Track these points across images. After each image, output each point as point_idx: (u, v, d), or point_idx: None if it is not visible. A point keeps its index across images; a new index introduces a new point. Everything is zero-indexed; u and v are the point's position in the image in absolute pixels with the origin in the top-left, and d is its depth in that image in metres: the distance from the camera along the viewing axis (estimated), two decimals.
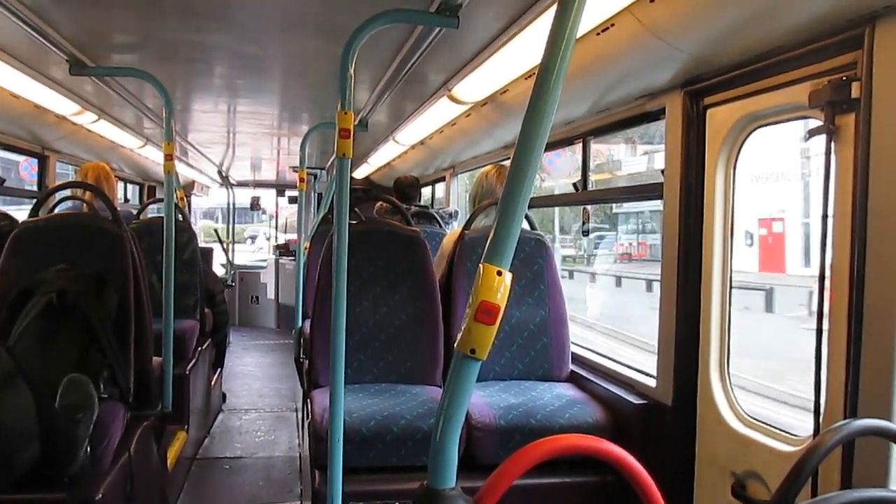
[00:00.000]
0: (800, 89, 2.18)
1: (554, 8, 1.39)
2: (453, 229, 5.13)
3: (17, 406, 2.39)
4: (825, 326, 2.09)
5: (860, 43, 1.93)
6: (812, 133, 2.12)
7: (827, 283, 2.10)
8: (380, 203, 5.22)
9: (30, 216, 3.57)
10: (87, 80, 4.06)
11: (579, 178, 3.97)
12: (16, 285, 3.10)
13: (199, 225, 17.20)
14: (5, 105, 4.23)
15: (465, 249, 3.63)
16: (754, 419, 2.56)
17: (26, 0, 2.74)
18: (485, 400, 3.19)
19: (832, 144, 2.06)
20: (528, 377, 3.59)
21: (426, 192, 8.15)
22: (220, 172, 11.08)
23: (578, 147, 3.98)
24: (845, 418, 1.98)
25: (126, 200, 9.22)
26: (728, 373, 2.70)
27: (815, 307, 2.11)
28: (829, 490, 1.99)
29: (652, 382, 3.05)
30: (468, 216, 3.87)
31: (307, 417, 3.56)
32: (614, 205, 17.03)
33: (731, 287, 2.71)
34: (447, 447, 1.37)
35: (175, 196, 4.15)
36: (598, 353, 3.76)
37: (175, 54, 3.72)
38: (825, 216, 2.10)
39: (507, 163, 4.30)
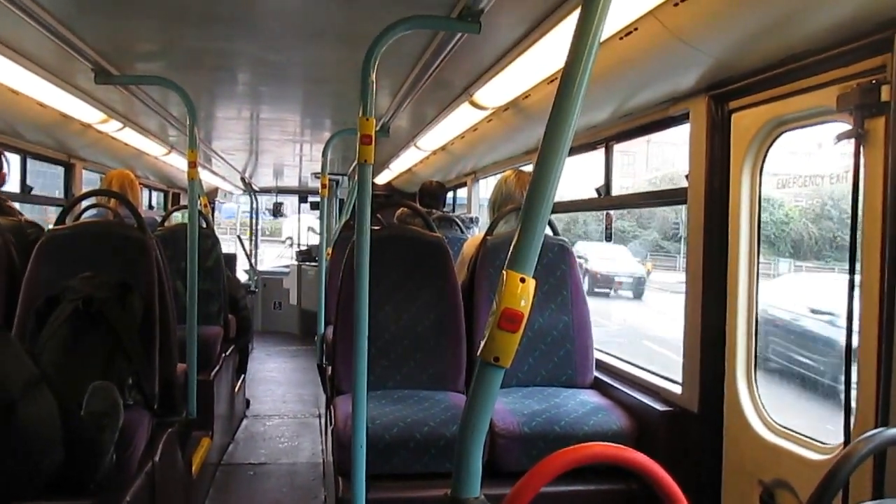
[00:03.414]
0: (827, 93, 2.15)
1: (576, 12, 1.38)
2: (473, 235, 5.12)
3: (41, 412, 2.41)
4: (855, 333, 2.06)
5: (889, 46, 1.89)
6: (841, 137, 2.09)
7: (856, 289, 2.06)
8: (401, 209, 5.22)
9: (56, 224, 3.61)
10: (113, 89, 4.11)
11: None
12: (43, 293, 3.13)
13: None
14: (32, 114, 4.29)
15: (487, 255, 3.62)
16: (782, 427, 2.52)
17: (52, 10, 2.77)
18: (508, 407, 3.18)
19: (861, 149, 2.03)
20: (551, 384, 3.57)
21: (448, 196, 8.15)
22: (243, 179, 11.16)
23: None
24: (876, 427, 1.94)
25: (151, 207, 9.31)
26: (755, 379, 2.66)
27: None
28: (861, 500, 1.96)
29: (677, 389, 3.01)
30: (488, 222, 3.86)
31: (330, 424, 3.56)
32: None
33: (757, 293, 2.68)
34: (471, 457, 1.36)
35: (199, 203, 4.17)
36: (622, 360, 3.73)
37: (199, 62, 3.75)
38: (854, 221, 2.07)
39: (527, 168, 4.30)
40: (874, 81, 1.97)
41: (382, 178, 9.17)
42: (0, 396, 2.28)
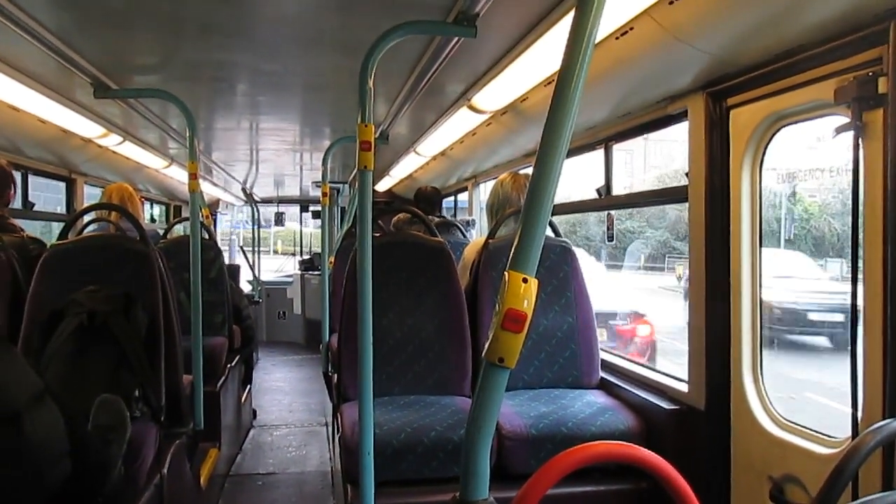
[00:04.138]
0: (825, 86, 2.16)
1: (572, 14, 1.38)
2: (472, 237, 5.12)
3: (46, 424, 2.40)
4: (860, 326, 2.05)
5: (885, 38, 1.90)
6: (839, 130, 2.09)
7: (860, 282, 2.06)
8: (398, 216, 5.22)
9: (58, 239, 3.61)
10: (112, 103, 4.12)
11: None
12: (47, 308, 3.13)
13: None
14: (33, 130, 4.30)
15: (489, 258, 3.62)
16: (790, 422, 2.52)
17: (50, 26, 2.79)
18: (515, 409, 3.17)
19: (860, 141, 2.03)
20: (557, 385, 3.56)
21: (449, 201, 8.15)
22: (243, 190, 11.18)
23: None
24: (883, 419, 1.94)
25: (153, 220, 9.32)
26: (761, 375, 2.66)
27: None
28: (870, 492, 1.95)
29: (684, 387, 3.01)
30: (489, 225, 3.86)
31: (337, 431, 3.56)
32: None
33: (761, 287, 2.68)
34: (478, 458, 1.36)
35: (200, 214, 4.18)
36: (628, 360, 3.72)
37: (197, 74, 3.76)
38: (855, 214, 2.07)
39: (525, 171, 4.31)
40: (871, 74, 1.97)
41: (383, 185, 9.18)
42: (4, 408, 2.27)
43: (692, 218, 2.87)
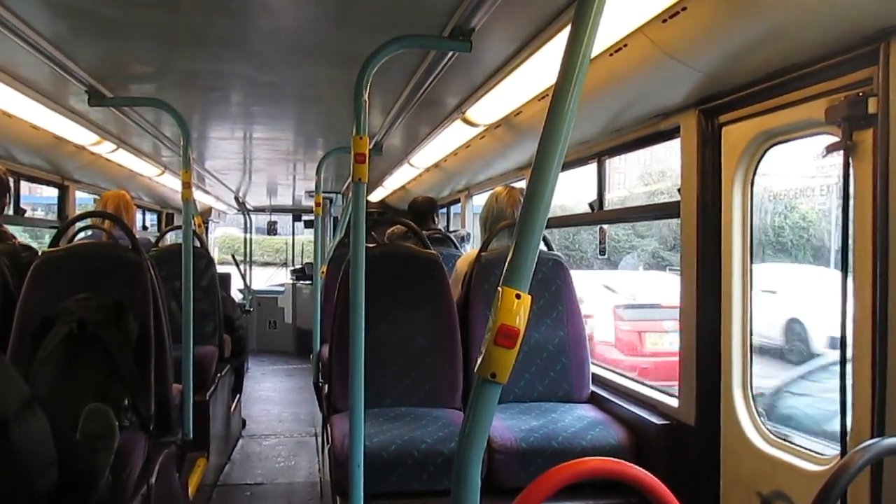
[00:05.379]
0: (816, 105, 2.18)
1: (566, 30, 1.40)
2: (466, 251, 5.12)
3: (33, 432, 2.39)
4: (849, 344, 2.06)
5: (875, 58, 1.92)
6: (830, 149, 2.11)
7: (850, 300, 2.07)
8: (392, 228, 5.22)
9: (50, 246, 3.60)
10: (106, 111, 4.12)
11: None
12: (37, 315, 3.12)
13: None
14: (26, 136, 4.29)
15: (482, 272, 3.62)
16: (779, 438, 2.52)
17: (46, 33, 2.79)
18: (505, 422, 3.17)
19: (850, 160, 2.05)
20: (548, 399, 3.56)
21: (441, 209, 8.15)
22: (236, 198, 11.17)
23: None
24: (872, 437, 1.95)
25: (145, 228, 9.30)
26: (751, 391, 2.67)
27: None
28: None
29: (674, 402, 3.02)
30: (481, 238, 3.87)
31: (327, 442, 3.55)
32: None
33: (751, 304, 2.69)
34: (470, 472, 1.36)
35: (193, 223, 4.18)
36: (618, 374, 3.73)
37: (192, 83, 3.76)
38: (846, 231, 2.08)
39: (518, 184, 4.33)
40: (861, 94, 2.00)
41: (376, 196, 9.18)
42: None
43: (684, 233, 2.88)
